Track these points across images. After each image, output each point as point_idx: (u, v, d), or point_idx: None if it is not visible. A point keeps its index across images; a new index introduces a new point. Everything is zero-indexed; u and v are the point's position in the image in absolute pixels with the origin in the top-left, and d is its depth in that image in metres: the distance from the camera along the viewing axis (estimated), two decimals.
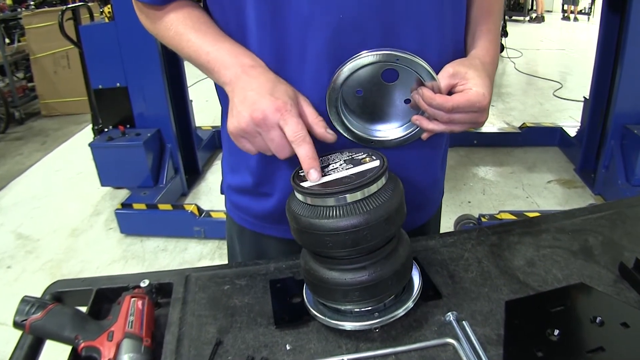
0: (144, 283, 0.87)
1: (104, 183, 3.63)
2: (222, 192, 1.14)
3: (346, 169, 0.74)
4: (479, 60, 0.86)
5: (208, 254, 3.20)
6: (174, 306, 0.86)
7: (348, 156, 0.78)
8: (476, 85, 0.80)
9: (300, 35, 0.80)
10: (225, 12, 0.87)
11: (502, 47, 7.74)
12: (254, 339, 0.78)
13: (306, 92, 0.84)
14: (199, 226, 3.28)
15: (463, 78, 0.81)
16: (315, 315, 0.79)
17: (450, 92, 0.82)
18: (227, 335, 0.79)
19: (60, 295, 0.91)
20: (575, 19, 11.20)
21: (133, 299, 0.81)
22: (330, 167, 0.76)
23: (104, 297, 0.89)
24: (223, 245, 3.31)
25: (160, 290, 0.90)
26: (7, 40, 6.19)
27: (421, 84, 0.82)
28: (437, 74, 0.82)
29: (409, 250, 0.79)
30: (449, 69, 0.82)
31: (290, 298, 0.86)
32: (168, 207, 3.37)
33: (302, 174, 0.75)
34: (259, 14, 0.80)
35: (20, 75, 6.38)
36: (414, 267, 0.84)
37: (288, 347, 0.76)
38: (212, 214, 3.31)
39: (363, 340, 0.76)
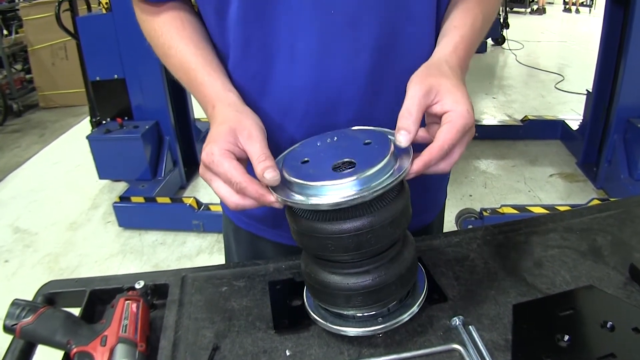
0: (139, 284, 0.84)
1: (101, 176, 3.61)
2: None
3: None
4: (447, 65, 0.75)
5: (207, 247, 3.18)
6: (169, 309, 0.83)
7: None
8: (456, 102, 0.70)
9: (290, 32, 0.77)
10: (206, 10, 0.84)
11: (503, 39, 7.69)
12: (253, 344, 0.76)
13: (295, 92, 0.81)
14: (198, 220, 3.25)
15: (437, 93, 0.70)
16: (316, 320, 0.77)
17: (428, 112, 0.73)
18: (225, 340, 0.77)
19: (52, 296, 0.88)
20: (577, 11, 11.12)
21: (127, 301, 0.78)
22: None
23: (97, 298, 0.87)
24: (222, 239, 3.28)
25: (156, 291, 0.87)
26: (4, 32, 6.14)
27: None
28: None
29: (414, 253, 0.76)
30: (418, 87, 0.70)
31: (290, 301, 0.83)
32: (166, 200, 3.34)
33: None
34: (245, 10, 0.77)
35: (18, 67, 6.34)
36: (418, 268, 0.82)
37: (288, 353, 0.74)
38: (211, 207, 3.28)
39: (366, 345, 0.74)
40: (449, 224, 3.05)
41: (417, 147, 0.69)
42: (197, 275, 0.91)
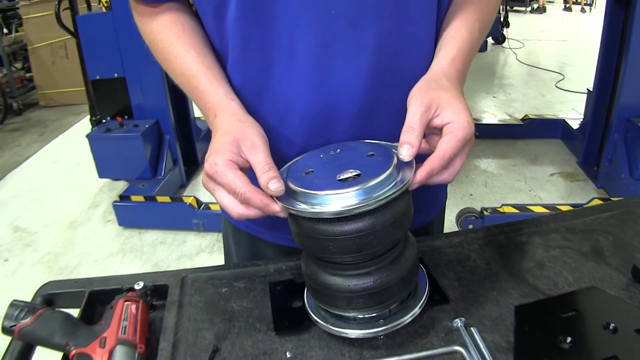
0: (138, 285, 0.84)
1: (101, 175, 3.61)
2: None
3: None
4: (446, 78, 0.76)
5: (207, 247, 3.17)
6: (169, 310, 0.83)
7: None
8: (456, 114, 0.70)
9: (290, 33, 0.77)
10: (204, 10, 0.83)
11: (504, 38, 7.68)
12: (253, 345, 0.75)
13: (295, 94, 0.81)
14: (198, 219, 3.24)
15: (438, 107, 0.71)
16: (317, 322, 0.76)
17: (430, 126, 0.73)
18: (225, 342, 0.76)
19: (51, 297, 0.88)
20: (583, 10, 11.06)
21: (127, 302, 0.78)
22: None
23: (96, 299, 0.86)
24: (222, 239, 3.23)
25: (155, 291, 0.87)
26: (5, 31, 6.13)
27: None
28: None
29: (416, 254, 0.76)
30: (419, 103, 0.71)
31: (290, 302, 0.83)
32: (166, 199, 3.33)
33: None
34: (244, 10, 0.76)
35: (19, 65, 6.32)
36: (419, 269, 0.81)
37: (288, 355, 0.73)
38: (211, 206, 3.27)
39: (367, 347, 0.73)
40: (450, 223, 3.05)
41: (418, 158, 0.70)
42: (197, 276, 0.91)
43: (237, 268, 0.93)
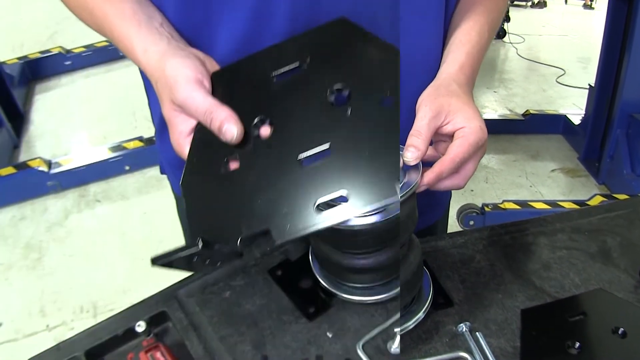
0: (140, 327, 0.72)
1: None
2: (162, 172, 1.03)
3: None
4: (456, 84, 0.74)
5: (73, 206, 2.90)
6: (188, 338, 0.74)
7: None
8: (468, 119, 0.68)
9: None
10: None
11: (504, 32, 7.65)
12: (294, 339, 0.73)
13: None
14: (52, 180, 2.95)
15: (448, 114, 0.69)
16: (341, 296, 0.75)
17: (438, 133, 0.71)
18: (266, 347, 0.73)
19: None
20: (589, 6, 10.93)
21: (149, 353, 0.69)
22: None
23: (93, 357, 0.74)
24: (86, 192, 2.92)
25: (152, 323, 0.76)
26: None
27: None
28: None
29: (420, 257, 0.74)
30: (428, 108, 0.68)
31: (299, 284, 0.81)
32: (10, 170, 2.93)
33: None
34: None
35: None
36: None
37: (330, 335, 0.73)
38: (61, 161, 2.97)
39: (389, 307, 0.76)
40: (451, 219, 3.01)
41: (425, 165, 0.68)
42: (189, 290, 0.83)
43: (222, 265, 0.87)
